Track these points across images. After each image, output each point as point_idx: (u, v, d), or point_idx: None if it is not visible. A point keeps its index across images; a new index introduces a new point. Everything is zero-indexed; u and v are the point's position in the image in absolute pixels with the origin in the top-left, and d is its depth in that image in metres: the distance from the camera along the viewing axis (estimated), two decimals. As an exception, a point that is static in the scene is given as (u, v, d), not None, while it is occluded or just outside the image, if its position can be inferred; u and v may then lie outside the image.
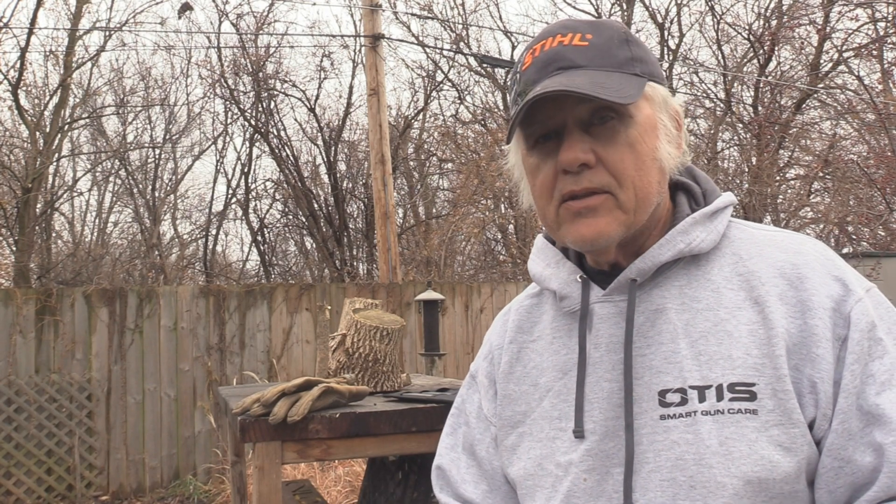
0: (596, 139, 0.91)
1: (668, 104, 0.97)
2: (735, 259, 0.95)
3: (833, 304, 0.88)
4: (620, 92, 0.88)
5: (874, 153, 12.07)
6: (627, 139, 0.91)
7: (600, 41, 0.92)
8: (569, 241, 0.94)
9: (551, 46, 0.93)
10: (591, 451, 0.93)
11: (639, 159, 0.91)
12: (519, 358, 1.06)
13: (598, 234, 0.91)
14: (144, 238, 13.58)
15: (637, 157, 0.91)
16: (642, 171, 0.91)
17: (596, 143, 0.90)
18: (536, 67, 0.93)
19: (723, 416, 0.86)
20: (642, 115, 0.92)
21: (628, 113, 0.91)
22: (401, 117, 14.21)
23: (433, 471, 1.14)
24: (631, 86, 0.90)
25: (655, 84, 0.95)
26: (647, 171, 0.92)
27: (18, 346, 6.02)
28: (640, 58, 0.94)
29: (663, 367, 0.91)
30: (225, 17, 12.70)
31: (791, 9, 12.96)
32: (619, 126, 0.91)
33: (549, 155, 0.93)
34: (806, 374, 0.86)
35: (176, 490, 6.28)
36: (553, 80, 0.90)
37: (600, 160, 0.90)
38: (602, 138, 0.91)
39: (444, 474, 1.12)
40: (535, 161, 0.95)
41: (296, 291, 6.97)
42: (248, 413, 2.12)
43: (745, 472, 0.84)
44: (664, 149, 0.94)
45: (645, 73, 0.94)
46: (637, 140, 0.91)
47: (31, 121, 11.25)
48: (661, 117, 0.95)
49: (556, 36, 0.93)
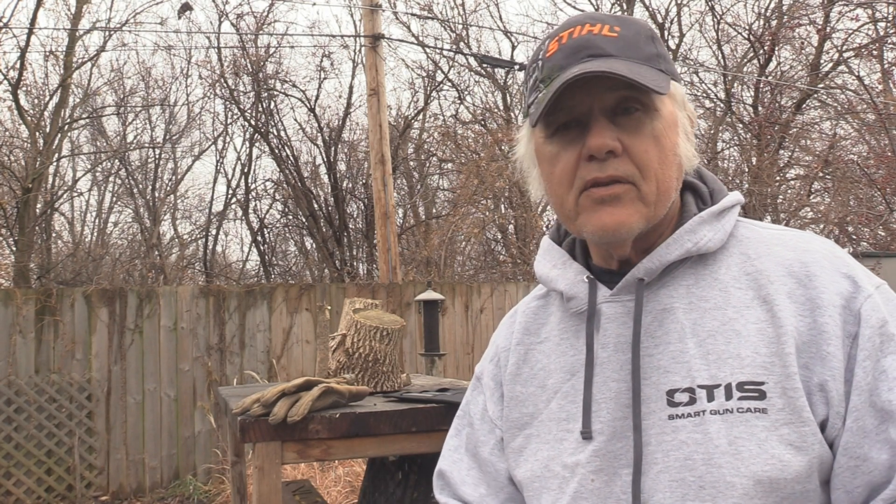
0: (622, 129, 0.90)
1: (686, 106, 0.97)
2: (743, 258, 0.94)
3: (843, 301, 0.87)
4: (655, 82, 0.88)
5: (874, 153, 12.07)
6: (653, 131, 0.90)
7: (629, 34, 0.92)
8: (587, 231, 0.93)
9: (580, 34, 0.92)
10: (599, 452, 0.92)
11: (662, 152, 0.91)
12: (526, 360, 1.05)
13: (619, 224, 0.90)
14: (144, 238, 13.58)
15: (661, 151, 0.91)
16: (665, 164, 0.91)
17: (622, 132, 0.90)
18: (565, 53, 0.91)
19: (732, 415, 0.85)
20: (666, 109, 0.92)
21: (654, 106, 0.91)
22: (401, 117, 14.22)
23: (435, 473, 1.13)
24: (661, 79, 0.90)
25: (676, 83, 0.96)
26: (669, 166, 0.92)
27: (18, 346, 6.02)
28: (664, 56, 0.95)
29: (671, 367, 0.90)
30: (225, 17, 12.72)
31: (791, 9, 12.96)
32: (645, 118, 0.90)
33: (572, 142, 0.92)
34: (816, 373, 0.85)
35: (176, 490, 6.28)
36: (587, 64, 0.89)
37: (626, 150, 0.90)
38: (628, 128, 0.90)
39: (444, 476, 1.11)
40: (554, 149, 0.94)
41: (296, 291, 6.97)
42: (248, 413, 2.12)
43: (755, 471, 0.83)
44: (684, 146, 0.95)
45: (668, 72, 0.94)
46: (661, 133, 0.91)
47: (31, 121, 11.25)
48: (681, 116, 0.95)
49: (584, 25, 0.93)
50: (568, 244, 1.07)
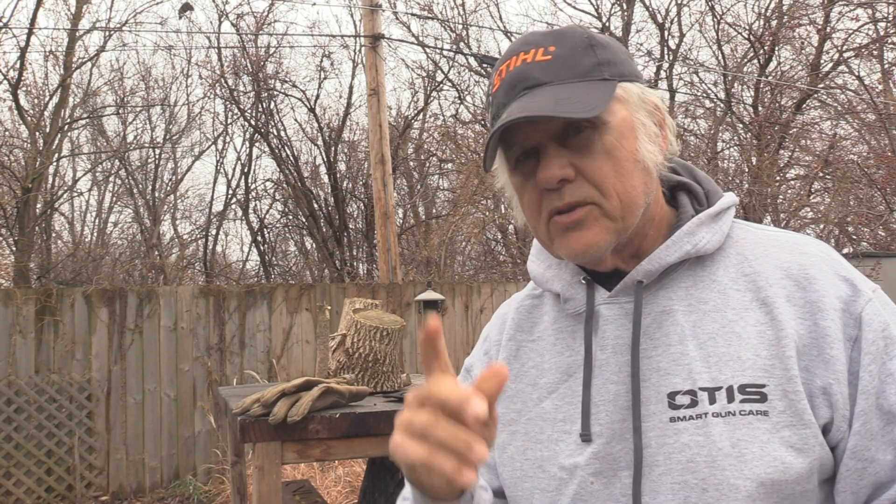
0: (573, 151, 0.90)
1: (645, 100, 0.95)
2: (740, 259, 0.95)
3: (842, 304, 0.88)
4: (586, 104, 0.87)
5: (874, 153, 12.07)
6: (604, 147, 0.90)
7: (563, 52, 0.91)
8: (563, 255, 0.94)
9: (515, 66, 0.92)
10: (598, 455, 0.92)
11: (618, 165, 0.90)
12: (517, 356, 1.06)
13: (587, 247, 0.91)
14: (144, 238, 13.58)
15: (616, 164, 0.90)
16: (623, 176, 0.90)
17: (573, 155, 0.90)
18: (504, 90, 0.93)
19: (734, 417, 0.86)
20: (617, 118, 0.91)
21: (601, 120, 0.90)
22: (401, 117, 14.22)
23: None
24: (598, 94, 0.89)
25: (628, 84, 0.94)
26: (628, 176, 0.91)
27: (18, 346, 6.02)
28: (608, 60, 0.93)
29: (672, 369, 0.91)
30: (225, 17, 12.70)
31: (791, 9, 12.96)
32: (595, 135, 0.90)
33: (531, 173, 0.92)
34: (818, 375, 0.85)
35: (176, 490, 6.28)
36: (519, 103, 0.89)
37: (580, 172, 0.90)
38: (579, 149, 0.90)
39: None
40: (518, 181, 0.95)
41: (296, 291, 6.97)
42: (248, 413, 2.12)
43: (758, 473, 0.83)
44: (645, 148, 0.93)
45: (615, 76, 0.92)
46: (614, 146, 0.90)
47: (31, 121, 11.24)
48: (639, 116, 0.94)
49: (519, 54, 0.93)
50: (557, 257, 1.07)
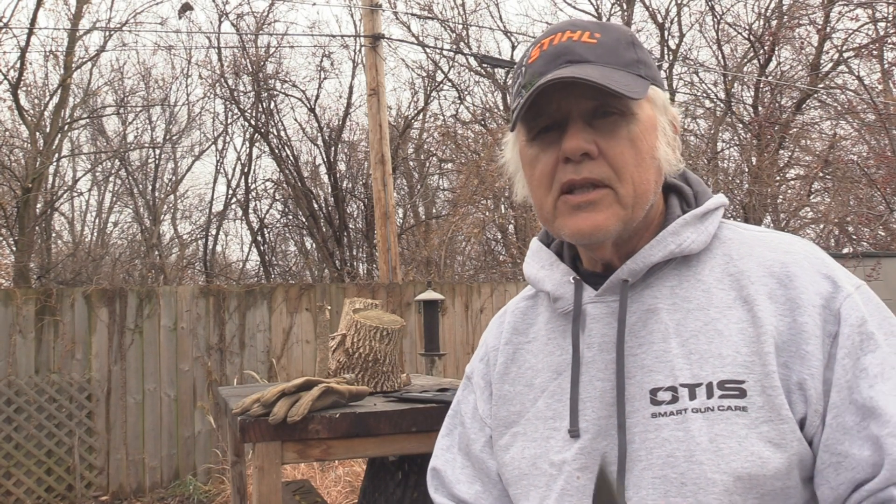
0: (598, 132, 0.92)
1: (668, 110, 0.99)
2: (725, 259, 0.96)
3: (823, 301, 0.89)
4: (629, 87, 0.90)
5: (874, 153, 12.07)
6: (629, 135, 0.92)
7: (608, 41, 0.94)
8: (565, 234, 0.95)
9: (560, 41, 0.94)
10: (585, 450, 0.94)
11: (639, 155, 0.93)
12: (514, 359, 1.08)
13: (595, 228, 0.92)
14: (144, 238, 13.58)
15: (637, 153, 0.93)
16: (641, 167, 0.93)
17: (598, 135, 0.92)
18: (545, 60, 0.94)
19: (713, 413, 0.87)
20: (644, 114, 0.94)
21: (631, 110, 0.93)
22: (401, 117, 14.22)
23: (429, 472, 1.15)
24: (637, 84, 0.92)
25: (657, 88, 0.97)
26: (646, 168, 0.94)
27: (18, 346, 6.02)
28: (645, 61, 0.96)
29: (655, 366, 0.92)
30: (225, 17, 12.70)
31: (791, 9, 12.96)
32: (622, 121, 0.92)
33: (551, 145, 0.94)
34: (795, 371, 0.87)
35: (176, 490, 6.28)
36: (563, 70, 0.91)
37: (602, 153, 0.92)
38: (604, 132, 0.92)
39: (438, 475, 1.13)
40: (534, 152, 0.96)
41: (296, 291, 6.97)
42: (248, 413, 2.12)
43: (735, 468, 0.85)
44: (663, 149, 0.96)
45: (649, 77, 0.96)
46: (638, 137, 0.93)
47: (31, 121, 11.25)
48: (661, 120, 0.97)
49: (565, 31, 0.95)
50: (556, 246, 1.09)
